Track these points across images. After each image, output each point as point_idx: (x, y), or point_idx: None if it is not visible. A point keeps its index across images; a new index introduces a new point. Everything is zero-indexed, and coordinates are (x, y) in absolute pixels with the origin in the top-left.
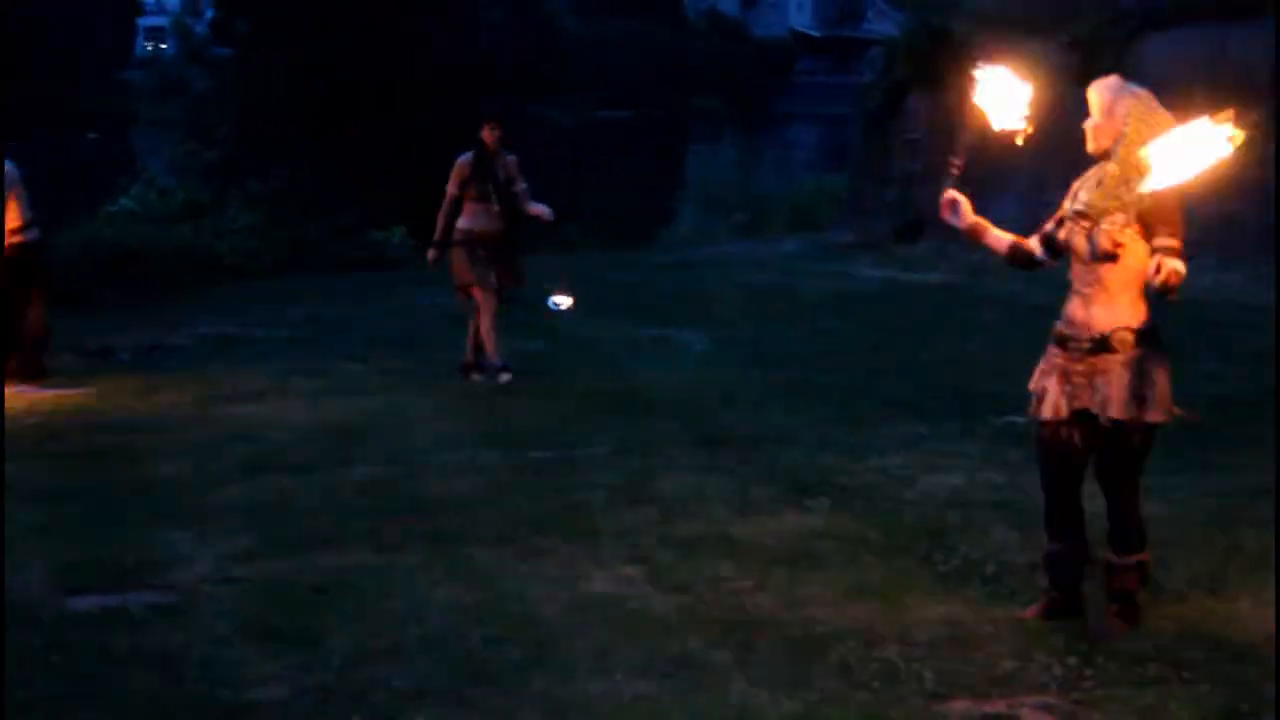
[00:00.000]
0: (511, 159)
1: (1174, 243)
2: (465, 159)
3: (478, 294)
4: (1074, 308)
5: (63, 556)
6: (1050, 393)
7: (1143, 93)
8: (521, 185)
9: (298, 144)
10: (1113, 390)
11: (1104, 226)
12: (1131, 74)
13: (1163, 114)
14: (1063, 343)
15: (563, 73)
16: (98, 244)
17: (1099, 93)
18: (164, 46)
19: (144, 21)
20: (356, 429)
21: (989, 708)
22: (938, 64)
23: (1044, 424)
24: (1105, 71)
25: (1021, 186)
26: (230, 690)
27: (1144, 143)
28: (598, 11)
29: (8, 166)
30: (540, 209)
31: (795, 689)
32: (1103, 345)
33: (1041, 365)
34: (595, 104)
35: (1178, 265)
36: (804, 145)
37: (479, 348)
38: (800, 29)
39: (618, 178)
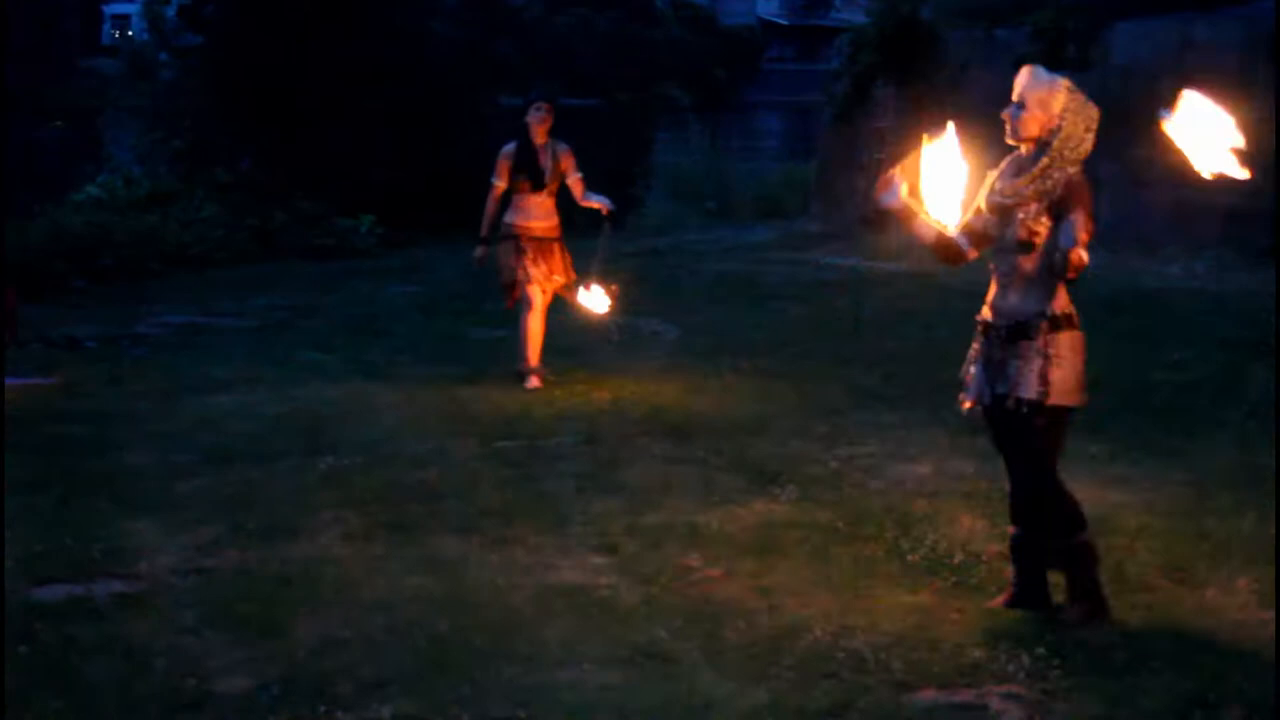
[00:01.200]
0: (564, 147)
1: (1083, 234)
2: (508, 148)
3: (528, 292)
4: (995, 296)
5: (29, 546)
6: (975, 380)
7: (1072, 84)
8: (576, 175)
9: (265, 132)
10: (1021, 373)
11: (1020, 216)
12: (1098, 62)
13: (1092, 107)
14: (985, 331)
15: (527, 60)
16: (64, 232)
17: (1035, 84)
18: (130, 34)
19: (109, 9)
20: (324, 419)
21: (957, 698)
22: (906, 52)
23: (971, 410)
24: (1070, 60)
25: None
26: (196, 680)
27: (1079, 135)
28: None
29: None
30: (599, 200)
31: (762, 679)
32: (1020, 331)
33: (969, 354)
34: (561, 91)
35: (1082, 254)
36: (772, 133)
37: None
38: (768, 17)
39: (584, 165)
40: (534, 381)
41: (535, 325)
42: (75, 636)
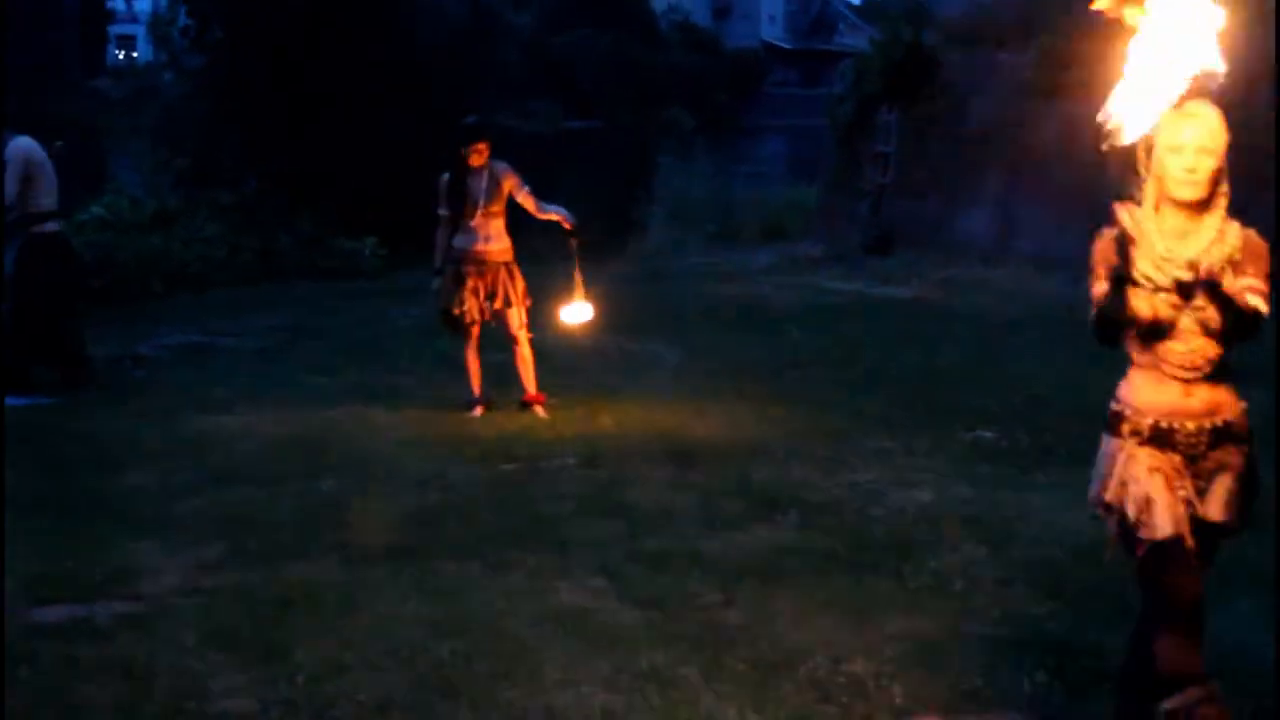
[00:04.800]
0: (504, 167)
1: (1262, 284)
2: (442, 179)
3: (465, 325)
4: (1169, 393)
5: (30, 567)
6: (1159, 499)
7: None
8: (524, 191)
9: (269, 153)
10: (1231, 490)
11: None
12: (1101, 87)
13: None
14: (1163, 439)
15: (532, 81)
16: None
17: (1216, 124)
18: (135, 55)
19: (114, 29)
20: (325, 440)
21: None
22: (908, 77)
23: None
24: (1074, 85)
25: (990, 199)
26: (197, 702)
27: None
28: (569, 21)
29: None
30: (556, 211)
31: (763, 704)
32: (1225, 434)
33: (1120, 470)
34: (564, 113)
35: (1260, 304)
36: (775, 157)
37: (527, 377)
38: (772, 41)
39: (587, 188)
40: (477, 411)
41: (471, 355)
42: (76, 657)
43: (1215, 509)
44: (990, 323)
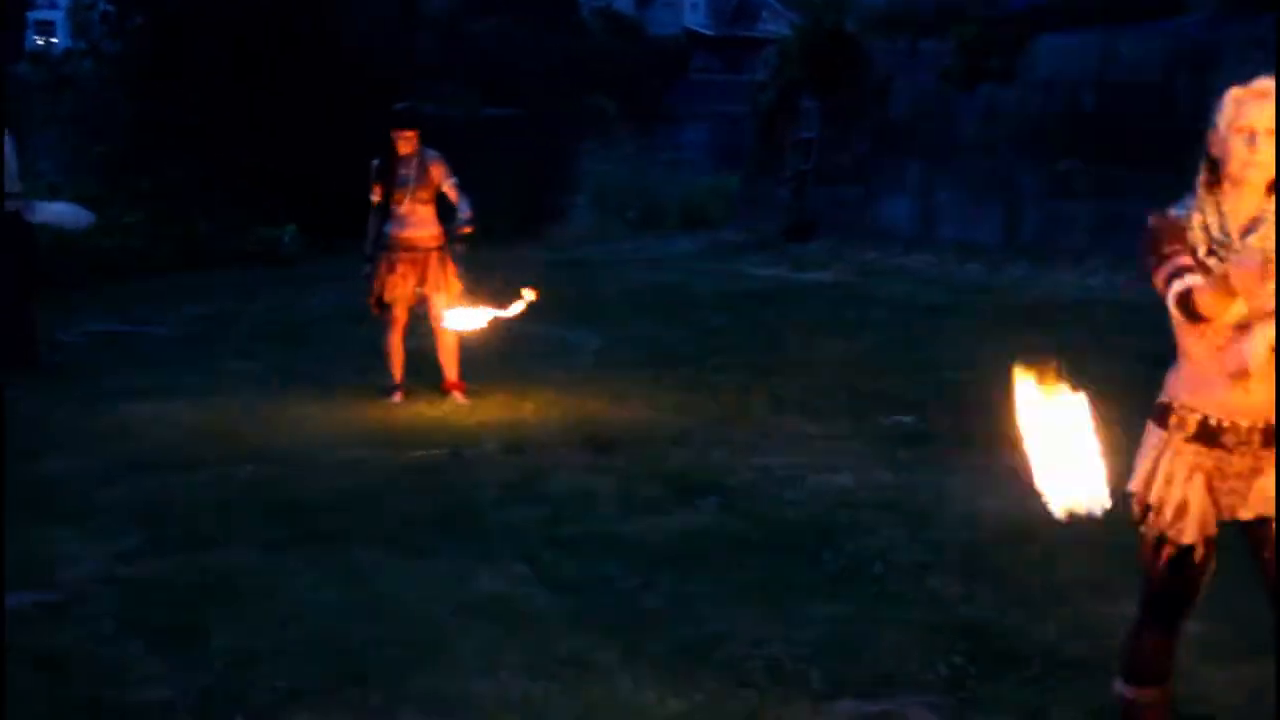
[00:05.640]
0: (434, 156)
1: None
2: (374, 164)
3: (392, 309)
4: (1221, 390)
5: None
6: (1195, 504)
7: None
8: (450, 182)
9: (188, 140)
10: (1267, 483)
11: None
12: (1021, 75)
13: None
14: (1211, 437)
15: (452, 68)
16: None
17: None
18: (54, 41)
19: (34, 15)
20: (245, 427)
21: (875, 707)
22: (830, 64)
23: (1177, 545)
24: (994, 73)
25: (911, 186)
26: (115, 690)
27: None
28: (490, 8)
29: None
30: (464, 212)
31: (682, 688)
32: (1271, 435)
33: (1165, 466)
34: (485, 100)
35: None
36: (698, 144)
37: (449, 364)
38: (695, 28)
39: (508, 175)
40: (397, 397)
41: (395, 341)
42: None
43: (1257, 507)
44: (911, 308)
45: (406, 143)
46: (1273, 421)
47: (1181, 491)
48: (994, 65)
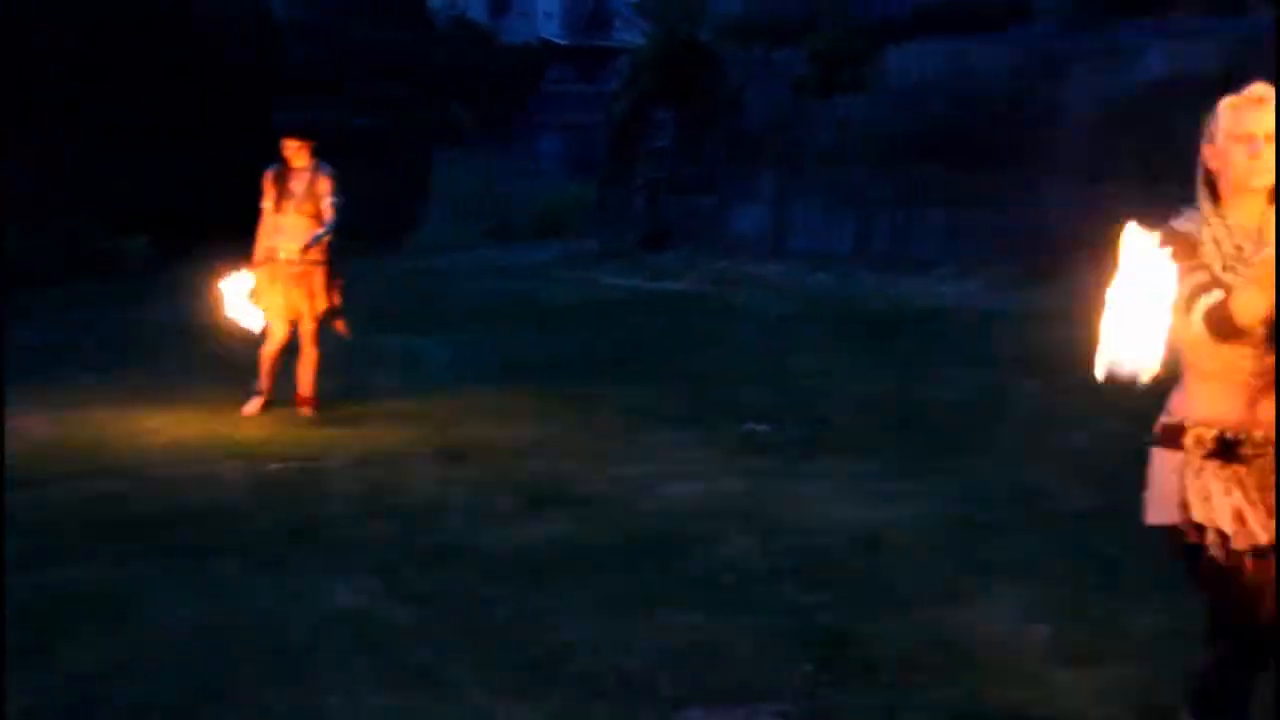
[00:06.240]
0: (326, 172)
1: None
2: (269, 170)
3: (267, 320)
4: (1242, 406)
5: None
6: (1246, 514)
7: None
8: (327, 200)
9: (26, 146)
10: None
11: None
12: (873, 84)
13: None
14: (1229, 452)
15: (310, 78)
16: None
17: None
18: None
19: None
20: (96, 441)
21: (724, 716)
22: (684, 74)
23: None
24: (846, 83)
25: (765, 195)
26: None
27: None
28: (341, 16)
29: None
30: (323, 233)
31: (535, 700)
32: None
33: (1194, 485)
34: (340, 110)
35: None
36: (553, 153)
37: (305, 378)
38: (549, 37)
39: (362, 184)
40: (254, 404)
41: (270, 351)
42: None
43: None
44: (764, 317)
45: (300, 154)
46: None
47: (1227, 501)
48: (846, 75)
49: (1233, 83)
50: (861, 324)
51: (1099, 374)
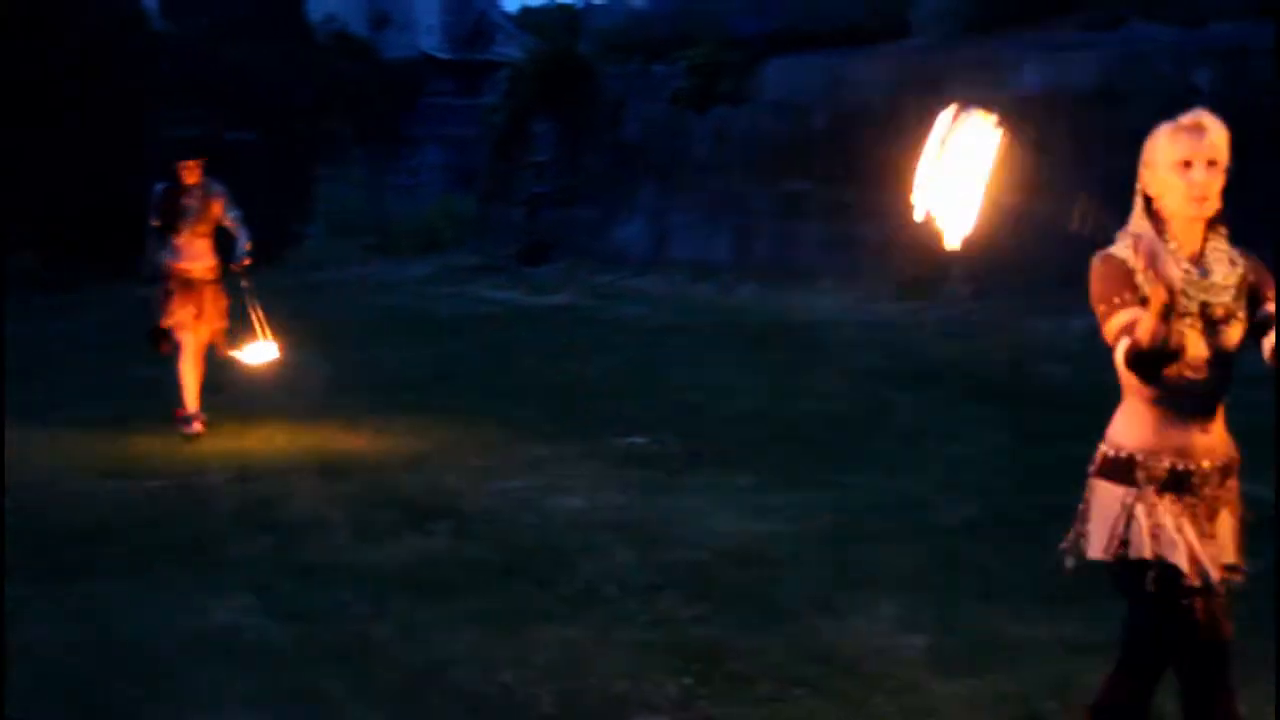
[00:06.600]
0: (218, 190)
1: None
2: (158, 189)
3: (178, 337)
4: (1182, 432)
5: None
6: (1197, 551)
7: None
8: (229, 216)
9: None
10: (1237, 535)
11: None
12: (751, 97)
13: None
14: (1181, 484)
15: (187, 92)
16: None
17: (1223, 137)
18: None
19: None
20: None
21: None
22: (562, 87)
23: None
24: (725, 95)
25: (644, 208)
26: None
27: None
28: (217, 29)
29: None
30: (242, 244)
31: (412, 716)
32: (1227, 472)
33: (1144, 522)
34: (220, 124)
35: None
36: (434, 167)
37: (190, 394)
38: (430, 51)
39: (241, 200)
40: (195, 427)
41: (189, 370)
42: None
43: (1228, 551)
44: (644, 330)
45: (191, 172)
46: (1229, 458)
47: (1181, 539)
48: (725, 88)
49: (1110, 97)
50: (741, 336)
51: (917, 216)
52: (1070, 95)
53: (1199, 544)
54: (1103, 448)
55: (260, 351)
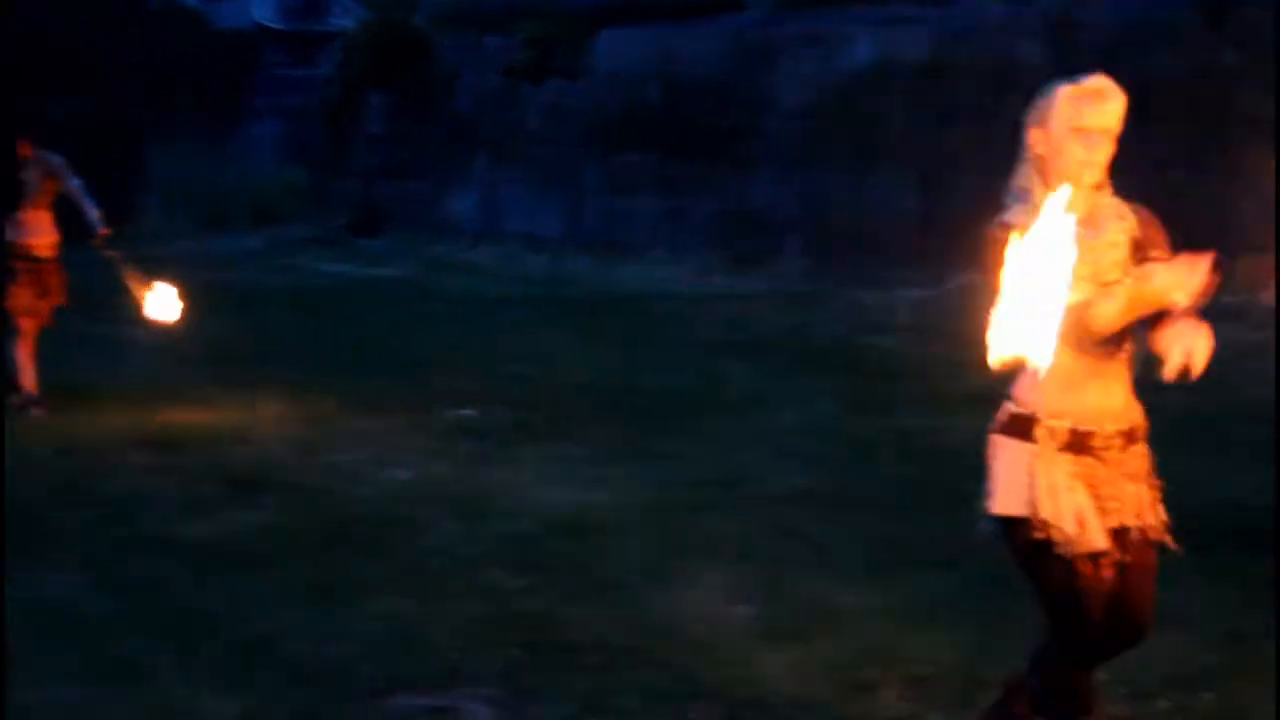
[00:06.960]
0: (56, 161)
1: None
2: None
3: (17, 320)
4: (1085, 394)
5: None
6: (1089, 512)
7: None
8: (70, 185)
9: None
10: (1145, 496)
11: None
12: (585, 71)
13: None
14: (1081, 445)
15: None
16: None
17: (1120, 107)
18: None
19: None
20: None
21: (429, 701)
22: (396, 58)
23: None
24: (559, 68)
25: (477, 180)
26: None
27: None
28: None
29: None
30: (92, 213)
31: (238, 689)
32: (1133, 437)
33: (1043, 480)
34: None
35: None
36: (268, 139)
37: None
38: (264, 22)
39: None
40: (37, 411)
41: (25, 352)
42: None
43: (1148, 515)
44: (477, 302)
45: (24, 147)
46: (1134, 424)
47: (1072, 500)
48: (559, 61)
49: (940, 70)
50: (573, 308)
51: (992, 362)
52: (901, 69)
53: (1091, 508)
54: (1008, 405)
55: (163, 304)
